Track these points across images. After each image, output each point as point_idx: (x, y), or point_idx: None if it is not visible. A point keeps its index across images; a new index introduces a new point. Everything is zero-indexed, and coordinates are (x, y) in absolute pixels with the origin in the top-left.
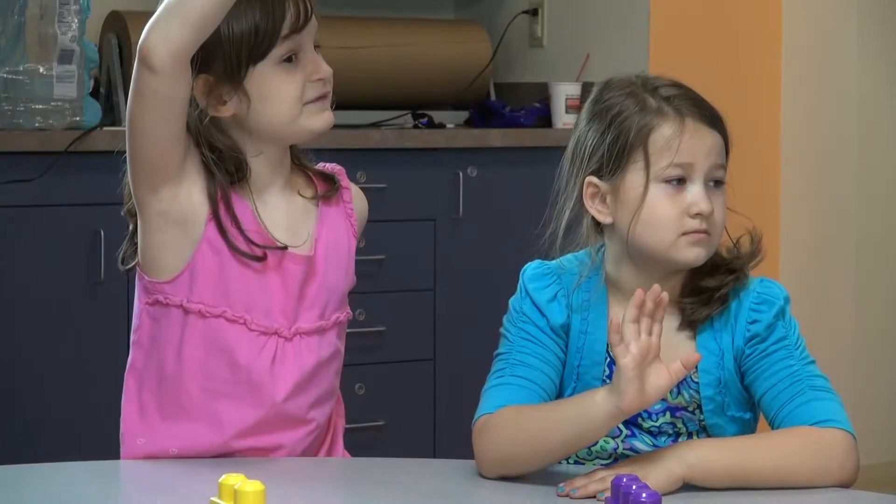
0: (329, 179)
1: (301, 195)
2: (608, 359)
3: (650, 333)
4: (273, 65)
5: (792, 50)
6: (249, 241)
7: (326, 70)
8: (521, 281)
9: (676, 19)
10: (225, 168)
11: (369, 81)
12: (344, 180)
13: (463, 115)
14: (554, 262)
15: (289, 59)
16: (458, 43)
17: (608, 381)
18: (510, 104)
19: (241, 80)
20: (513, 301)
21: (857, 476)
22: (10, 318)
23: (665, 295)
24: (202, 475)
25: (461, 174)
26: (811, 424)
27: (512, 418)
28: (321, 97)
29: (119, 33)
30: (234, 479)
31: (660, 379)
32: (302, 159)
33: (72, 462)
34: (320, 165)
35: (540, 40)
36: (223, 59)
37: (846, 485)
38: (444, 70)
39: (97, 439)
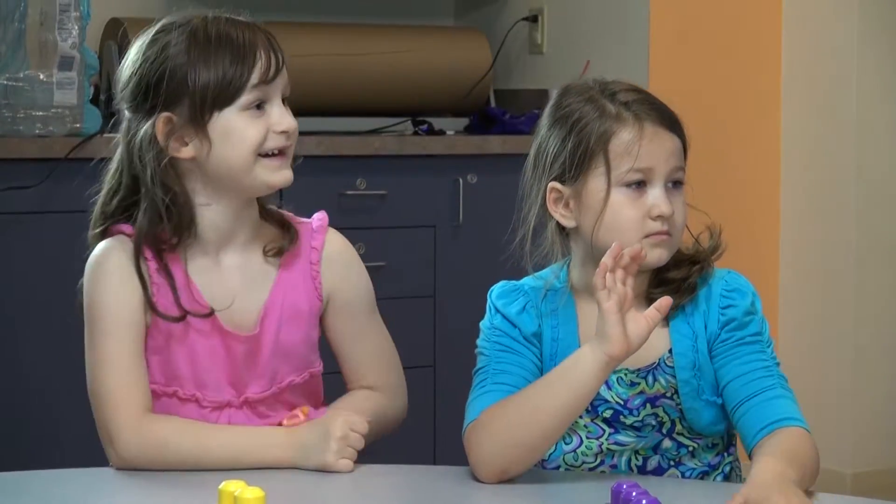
0: (287, 230)
1: (265, 254)
2: None
3: (624, 284)
4: (239, 111)
5: (792, 56)
6: (179, 306)
7: (291, 123)
8: (489, 302)
9: (676, 26)
10: (176, 221)
11: (369, 88)
12: (317, 237)
13: (463, 121)
14: (520, 281)
15: (256, 107)
16: (458, 50)
17: None
18: (510, 111)
19: (205, 123)
20: (483, 322)
21: None
22: (10, 324)
23: (642, 250)
24: (202, 481)
25: (461, 181)
26: (778, 419)
27: (499, 408)
28: (281, 152)
29: (119, 40)
30: (234, 486)
31: (638, 326)
32: (267, 207)
33: (72, 469)
34: (289, 215)
35: (540, 47)
36: (190, 101)
37: (814, 478)
38: (444, 77)
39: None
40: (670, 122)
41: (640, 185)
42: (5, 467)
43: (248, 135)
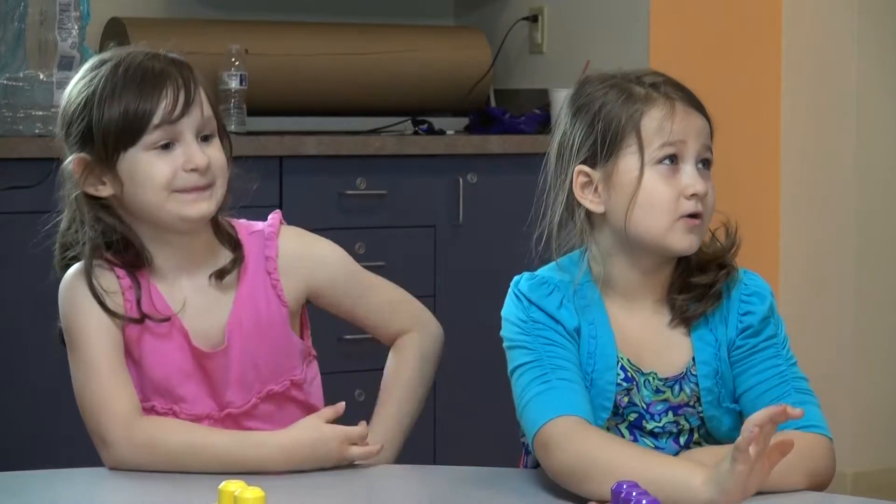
0: (236, 249)
1: (208, 279)
2: (619, 363)
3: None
4: (144, 150)
5: (792, 54)
6: (139, 309)
7: (200, 160)
8: (515, 293)
9: (676, 25)
10: (129, 253)
11: (369, 88)
12: (270, 245)
13: (463, 121)
14: (538, 272)
15: (165, 146)
16: (458, 49)
17: (623, 384)
18: (510, 111)
19: (114, 163)
20: (510, 313)
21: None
22: (9, 324)
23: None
24: (202, 481)
25: (461, 180)
26: (795, 428)
27: (601, 443)
28: (196, 188)
29: (119, 40)
30: (233, 486)
31: (761, 475)
32: (220, 223)
33: (72, 469)
34: (243, 225)
35: (540, 47)
36: (99, 141)
37: (825, 487)
38: (444, 76)
39: None
40: (697, 104)
41: (673, 161)
42: (5, 467)
43: (155, 173)
